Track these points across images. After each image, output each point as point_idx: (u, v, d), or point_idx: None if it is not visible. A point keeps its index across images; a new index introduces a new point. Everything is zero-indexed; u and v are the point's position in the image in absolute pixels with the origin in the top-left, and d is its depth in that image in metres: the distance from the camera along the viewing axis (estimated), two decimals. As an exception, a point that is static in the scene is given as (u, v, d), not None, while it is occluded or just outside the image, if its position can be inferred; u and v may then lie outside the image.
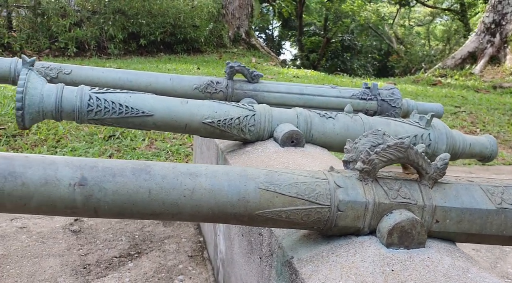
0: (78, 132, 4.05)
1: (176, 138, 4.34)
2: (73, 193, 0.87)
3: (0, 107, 4.42)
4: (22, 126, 1.52)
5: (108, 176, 0.90)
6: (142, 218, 0.95)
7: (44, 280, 1.88)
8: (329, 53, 20.11)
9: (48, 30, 8.22)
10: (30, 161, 0.87)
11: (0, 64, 2.06)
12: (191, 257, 2.14)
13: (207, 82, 2.26)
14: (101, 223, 2.40)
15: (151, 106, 1.62)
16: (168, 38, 9.33)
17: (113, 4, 8.61)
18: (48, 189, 0.86)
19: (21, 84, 1.49)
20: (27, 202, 0.86)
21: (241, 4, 10.43)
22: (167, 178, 0.93)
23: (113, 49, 8.69)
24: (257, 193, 0.95)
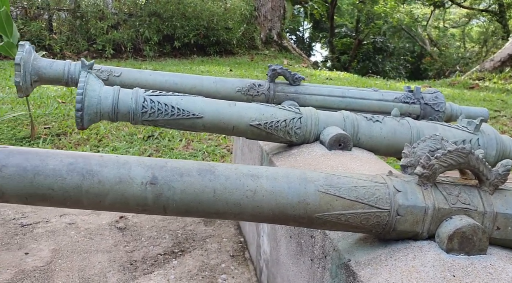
0: (118, 132, 4.17)
1: (211, 139, 4.40)
2: (144, 191, 0.91)
3: (44, 107, 4.61)
4: (81, 126, 1.60)
5: (176, 175, 0.94)
6: (206, 217, 0.99)
7: (93, 275, 1.95)
8: (360, 55, 19.88)
9: (86, 33, 8.48)
10: (105, 160, 0.92)
11: (54, 66, 2.16)
12: (233, 256, 2.17)
13: (249, 85, 2.29)
14: (145, 220, 2.47)
15: (201, 108, 1.66)
16: (201, 40, 9.45)
17: (149, 7, 8.80)
18: (122, 187, 0.90)
19: (80, 86, 1.56)
20: (103, 199, 0.90)
21: (273, 6, 10.46)
22: (230, 178, 0.96)
23: (148, 51, 8.89)
24: (317, 196, 0.97)
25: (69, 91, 5.38)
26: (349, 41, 20.26)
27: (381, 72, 18.15)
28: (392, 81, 8.98)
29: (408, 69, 21.35)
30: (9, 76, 5.86)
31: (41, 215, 2.44)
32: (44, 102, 4.80)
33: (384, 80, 9.02)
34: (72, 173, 0.89)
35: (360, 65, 19.60)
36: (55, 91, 5.31)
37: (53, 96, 5.08)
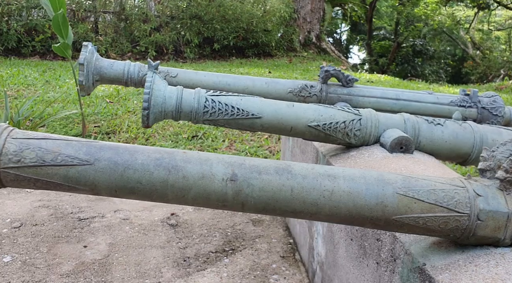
0: (164, 131, 4.27)
1: (253, 140, 4.43)
2: (225, 187, 0.93)
3: (94, 107, 4.77)
4: (146, 125, 1.65)
5: (255, 173, 0.95)
6: (282, 215, 1.00)
7: (149, 269, 2.01)
8: (399, 58, 19.50)
9: (130, 35, 8.73)
10: (188, 156, 0.95)
11: (115, 66, 2.23)
12: (283, 257, 2.17)
13: (301, 86, 2.29)
14: (195, 218, 2.51)
15: (260, 108, 1.67)
16: (240, 42, 9.53)
17: (190, 10, 8.96)
18: (205, 183, 0.93)
19: (147, 86, 1.61)
20: (186, 194, 0.93)
21: (313, 8, 10.41)
22: (308, 178, 0.96)
23: (189, 53, 9.04)
24: (395, 198, 0.96)
25: (116, 91, 5.55)
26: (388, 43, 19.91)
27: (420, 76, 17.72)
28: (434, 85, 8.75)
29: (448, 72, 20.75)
30: (58, 76, 6.10)
31: (97, 210, 2.53)
32: (93, 102, 4.98)
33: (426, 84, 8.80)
34: (159, 168, 0.92)
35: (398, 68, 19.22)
36: (102, 91, 5.50)
37: (101, 96, 5.25)
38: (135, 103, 5.19)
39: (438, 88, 7.71)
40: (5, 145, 0.86)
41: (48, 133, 0.93)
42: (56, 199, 2.61)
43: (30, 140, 0.88)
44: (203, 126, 4.56)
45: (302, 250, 2.13)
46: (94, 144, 0.93)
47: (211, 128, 4.56)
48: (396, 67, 19.34)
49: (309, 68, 8.91)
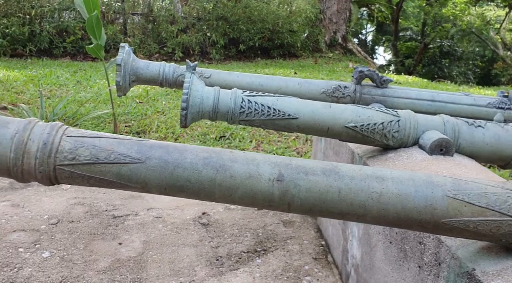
0: (192, 132, 4.31)
1: (280, 141, 4.43)
2: (272, 187, 0.94)
3: (124, 107, 4.86)
4: (184, 125, 1.67)
5: (301, 174, 0.95)
6: (328, 216, 0.99)
7: (183, 267, 2.03)
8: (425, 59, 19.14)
9: (157, 36, 8.85)
10: (235, 156, 0.96)
11: (151, 67, 2.27)
12: (316, 259, 2.16)
13: (334, 87, 2.28)
14: (226, 218, 2.53)
15: (296, 109, 1.67)
16: (266, 43, 9.54)
17: (216, 11, 9.03)
18: (251, 183, 0.93)
19: (186, 86, 1.63)
20: (233, 193, 0.94)
21: (339, 9, 10.34)
22: (355, 179, 0.96)
23: (215, 54, 9.11)
24: (444, 200, 0.94)
25: (145, 92, 5.64)
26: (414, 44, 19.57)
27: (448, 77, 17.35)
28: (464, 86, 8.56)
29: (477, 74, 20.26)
30: (89, 77, 6.24)
31: (130, 208, 2.58)
32: (123, 102, 5.07)
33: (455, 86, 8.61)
34: (207, 167, 0.93)
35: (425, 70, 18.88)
36: (132, 91, 5.59)
37: (131, 96, 5.34)
38: (163, 103, 5.26)
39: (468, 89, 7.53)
40: (60, 142, 0.89)
41: (100, 132, 0.95)
42: (90, 197, 2.67)
43: (84, 138, 0.91)
44: (230, 127, 4.59)
45: (335, 252, 2.11)
46: (145, 142, 0.94)
47: (238, 128, 4.58)
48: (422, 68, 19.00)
49: (335, 69, 8.85)
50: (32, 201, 2.55)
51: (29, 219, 2.36)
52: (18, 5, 7.39)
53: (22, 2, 7.41)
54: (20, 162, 0.86)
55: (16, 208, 2.46)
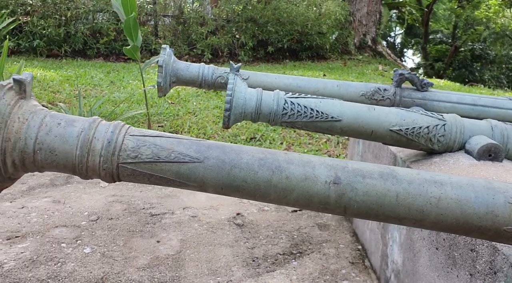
0: (223, 133, 4.34)
1: (311, 143, 4.41)
2: (328, 190, 0.93)
3: (156, 107, 4.94)
4: (226, 126, 1.68)
5: (358, 177, 0.94)
6: (384, 221, 0.98)
7: (220, 267, 2.04)
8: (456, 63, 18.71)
9: (187, 38, 8.96)
10: (291, 157, 0.96)
11: (190, 69, 2.30)
12: (353, 263, 2.14)
13: (373, 89, 2.25)
14: (261, 219, 2.53)
15: (339, 111, 1.66)
16: (294, 45, 9.52)
17: (246, 13, 9.06)
18: (307, 185, 0.93)
19: (230, 87, 1.65)
20: (288, 195, 0.94)
21: (369, 11, 10.23)
22: (413, 184, 0.94)
23: (243, 56, 9.15)
24: (507, 207, 0.92)
25: (176, 93, 5.72)
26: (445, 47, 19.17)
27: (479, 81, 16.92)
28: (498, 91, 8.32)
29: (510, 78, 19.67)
30: (122, 77, 6.37)
31: (167, 206, 2.61)
32: (155, 103, 5.15)
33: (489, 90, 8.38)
34: (263, 168, 0.93)
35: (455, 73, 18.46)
36: (163, 92, 5.67)
37: (163, 97, 5.42)
38: (194, 104, 5.32)
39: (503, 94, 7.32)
40: (124, 141, 0.91)
41: (159, 131, 0.97)
42: (128, 195, 2.72)
43: (145, 137, 0.93)
44: (261, 128, 4.60)
45: (373, 257, 2.09)
46: (203, 142, 0.96)
47: (268, 130, 4.59)
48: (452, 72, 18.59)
49: (364, 72, 8.75)
50: (72, 198, 2.62)
51: (70, 215, 2.42)
52: (55, 7, 7.62)
53: (59, 4, 7.63)
54: (85, 159, 0.88)
55: (57, 204, 2.53)
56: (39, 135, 0.87)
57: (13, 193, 2.61)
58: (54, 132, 0.88)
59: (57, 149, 0.87)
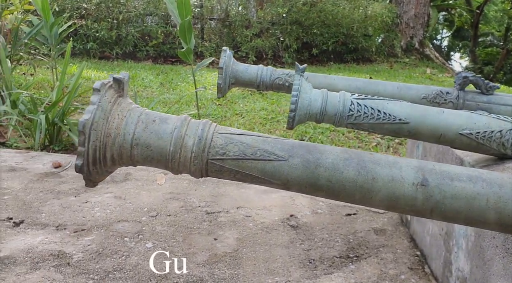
0: (271, 134, 4.36)
1: (361, 147, 4.35)
2: (415, 192, 0.93)
3: (205, 109, 5.03)
4: (290, 126, 1.69)
5: (446, 179, 0.93)
6: (471, 225, 0.96)
7: (277, 267, 2.06)
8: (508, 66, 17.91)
9: (232, 40, 9.07)
10: (376, 158, 0.96)
11: (249, 70, 2.34)
12: (412, 269, 2.10)
13: (435, 92, 2.21)
14: (314, 221, 2.53)
15: (408, 113, 1.63)
16: (339, 47, 9.44)
17: (291, 16, 9.08)
18: (394, 186, 0.93)
19: (295, 88, 1.66)
20: (374, 196, 0.94)
21: (417, 13, 9.98)
22: (505, 188, 0.92)
23: (287, 58, 9.16)
24: None
25: (223, 94, 5.80)
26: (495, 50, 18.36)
27: (533, 86, 16.10)
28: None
29: None
30: (171, 79, 6.54)
31: (221, 205, 2.66)
32: (203, 104, 5.25)
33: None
34: (348, 168, 0.94)
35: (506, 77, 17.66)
36: (211, 94, 5.78)
37: (210, 99, 5.53)
38: (241, 106, 5.38)
39: None
40: (213, 138, 0.94)
41: (242, 129, 1.00)
42: (184, 193, 2.79)
43: (232, 135, 0.95)
44: (308, 130, 4.59)
45: (433, 263, 2.04)
46: (286, 141, 0.97)
47: (316, 132, 4.57)
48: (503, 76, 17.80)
49: (411, 75, 8.54)
50: (132, 194, 2.72)
51: (131, 210, 2.51)
52: (108, 10, 7.93)
53: (111, 8, 7.94)
54: (178, 155, 0.92)
55: (118, 200, 2.64)
56: (136, 131, 0.91)
57: (77, 188, 2.74)
58: (149, 129, 0.92)
59: (152, 145, 0.92)
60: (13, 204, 2.50)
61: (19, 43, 4.74)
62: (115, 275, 1.91)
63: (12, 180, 2.82)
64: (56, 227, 2.28)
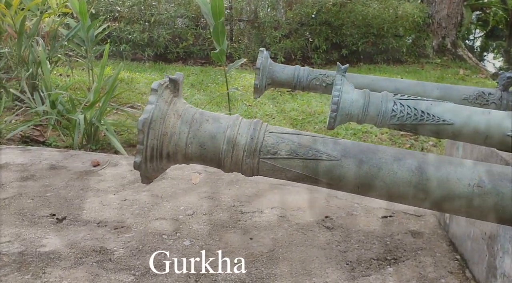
0: (303, 135, 4.35)
1: (393, 149, 4.28)
2: (471, 193, 0.91)
3: (235, 109, 5.06)
4: (332, 126, 1.69)
5: (504, 181, 0.91)
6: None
7: (314, 268, 2.05)
8: (545, 66, 17.24)
9: (261, 41, 9.09)
10: (430, 158, 0.95)
11: (286, 71, 2.35)
12: (452, 273, 2.06)
13: (477, 93, 2.16)
14: (350, 223, 2.51)
15: (452, 115, 1.61)
16: (369, 48, 9.32)
17: (321, 17, 9.03)
18: (449, 186, 0.92)
19: (337, 88, 1.66)
20: (428, 196, 0.93)
21: (449, 13, 9.75)
22: None
23: (316, 59, 9.11)
24: None
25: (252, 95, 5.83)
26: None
27: None
28: None
29: None
30: (201, 80, 6.61)
31: (255, 205, 2.67)
32: (234, 105, 5.29)
33: None
34: (402, 169, 0.93)
35: (543, 78, 17.00)
36: (241, 95, 5.82)
37: (241, 100, 5.56)
38: (271, 107, 5.40)
39: None
40: (264, 137, 0.95)
41: (292, 129, 1.00)
42: (218, 192, 2.82)
43: (283, 134, 0.96)
44: (340, 132, 4.56)
45: (476, 268, 1.99)
46: (338, 141, 0.97)
47: (348, 134, 4.54)
48: (540, 77, 17.14)
49: (444, 76, 8.35)
50: (168, 192, 2.77)
51: (168, 209, 2.56)
52: (140, 13, 8.09)
53: (143, 10, 8.09)
54: (230, 153, 0.94)
55: (155, 198, 2.69)
56: (191, 130, 0.93)
57: (116, 186, 2.81)
58: (204, 128, 0.94)
59: (206, 143, 0.94)
60: (56, 201, 2.58)
61: (58, 45, 4.90)
62: (155, 272, 1.95)
63: (54, 177, 2.92)
64: (97, 223, 2.35)
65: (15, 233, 2.22)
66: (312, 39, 9.14)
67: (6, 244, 2.11)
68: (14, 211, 2.44)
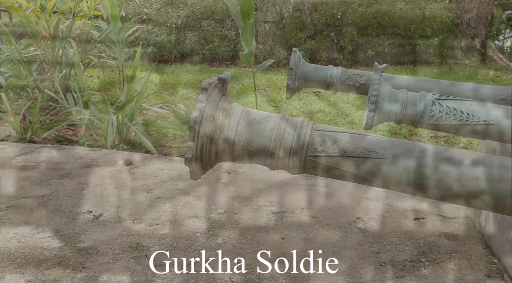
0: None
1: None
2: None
3: (262, 110, 5.09)
4: (369, 126, 1.69)
5: None
6: None
7: (347, 269, 2.05)
8: None
9: (286, 43, 9.09)
10: (480, 157, 0.94)
11: (319, 71, 2.35)
12: (489, 277, 2.02)
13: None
14: (382, 224, 2.49)
15: (493, 115, 1.58)
16: (396, 49, 9.20)
17: (346, 17, 8.97)
18: (500, 187, 0.91)
19: (375, 88, 1.66)
20: (476, 196, 0.93)
21: (479, 13, 9.53)
22: None
23: (342, 60, 9.05)
24: None
25: (279, 96, 5.85)
26: None
27: None
28: None
29: None
30: (227, 81, 6.66)
31: (285, 205, 2.68)
32: (260, 106, 5.31)
33: None
34: (451, 168, 0.93)
35: None
36: (266, 96, 5.84)
37: (267, 101, 5.58)
38: (297, 108, 5.40)
39: None
40: (311, 136, 0.96)
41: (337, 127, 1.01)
42: (247, 192, 2.85)
43: (329, 132, 0.97)
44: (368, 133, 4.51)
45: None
46: (385, 139, 0.98)
47: (376, 135, 4.49)
48: None
49: (473, 77, 8.16)
50: (199, 191, 2.81)
51: (199, 207, 2.59)
52: (167, 15, 8.21)
53: (170, 13, 8.22)
54: (277, 151, 0.95)
55: (187, 196, 2.73)
56: (238, 128, 0.95)
57: (148, 185, 2.87)
58: (251, 126, 0.96)
59: (253, 141, 0.95)
60: (92, 199, 2.65)
61: (89, 47, 5.02)
62: (190, 269, 1.98)
63: (88, 175, 3.00)
64: (132, 220, 2.40)
65: (54, 229, 2.29)
66: (337, 40, 9.08)
67: (47, 239, 2.18)
68: (53, 208, 2.52)
